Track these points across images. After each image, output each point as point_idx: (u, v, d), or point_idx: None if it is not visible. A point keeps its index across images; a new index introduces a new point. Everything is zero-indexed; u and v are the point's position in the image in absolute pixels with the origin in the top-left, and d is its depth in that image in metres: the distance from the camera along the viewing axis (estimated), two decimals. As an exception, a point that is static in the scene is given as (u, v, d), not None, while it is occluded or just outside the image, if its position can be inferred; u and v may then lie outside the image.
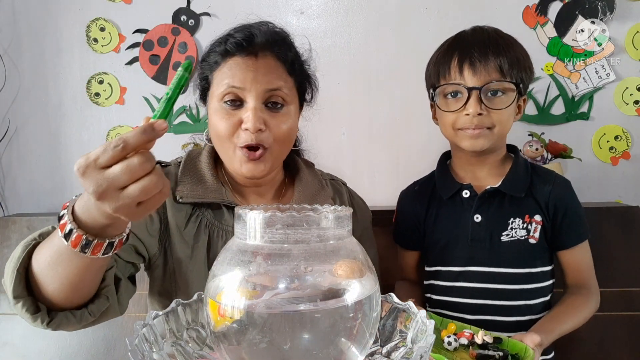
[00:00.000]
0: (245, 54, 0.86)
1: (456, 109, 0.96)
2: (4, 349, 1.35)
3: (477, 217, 1.02)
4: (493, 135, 0.96)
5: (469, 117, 0.94)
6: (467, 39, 0.98)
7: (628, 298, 1.30)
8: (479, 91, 0.93)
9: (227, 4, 1.58)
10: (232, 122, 0.84)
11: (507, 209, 1.01)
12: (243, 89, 0.84)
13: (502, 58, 0.93)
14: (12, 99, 1.62)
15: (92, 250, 0.59)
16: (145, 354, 0.50)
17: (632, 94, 1.52)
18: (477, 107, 0.93)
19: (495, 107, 0.94)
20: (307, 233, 0.50)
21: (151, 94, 1.60)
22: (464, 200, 1.04)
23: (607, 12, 1.49)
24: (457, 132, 0.98)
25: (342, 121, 1.59)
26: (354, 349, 0.51)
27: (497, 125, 0.95)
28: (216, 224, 0.89)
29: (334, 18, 1.58)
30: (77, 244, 0.59)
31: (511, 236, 1.00)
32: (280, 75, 0.87)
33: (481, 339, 0.79)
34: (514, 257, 1.00)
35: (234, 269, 0.52)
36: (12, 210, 1.65)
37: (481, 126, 0.95)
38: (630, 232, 1.34)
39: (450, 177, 1.07)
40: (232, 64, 0.86)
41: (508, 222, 1.00)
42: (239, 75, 0.84)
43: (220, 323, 0.50)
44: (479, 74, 0.93)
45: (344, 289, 0.50)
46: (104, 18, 1.59)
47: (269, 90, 0.85)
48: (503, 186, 1.01)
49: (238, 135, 0.84)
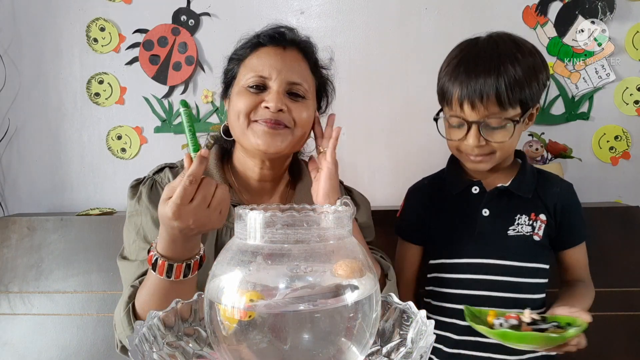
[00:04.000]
0: (275, 45, 0.91)
1: (458, 138, 0.99)
2: (4, 349, 1.35)
3: (486, 212, 1.05)
4: (495, 159, 1.00)
5: (470, 146, 0.98)
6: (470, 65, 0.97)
7: (628, 298, 1.30)
8: (478, 125, 0.96)
9: (227, 4, 1.58)
10: (253, 101, 0.88)
11: (515, 206, 1.05)
12: (269, 78, 0.88)
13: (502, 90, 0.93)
14: (12, 99, 1.62)
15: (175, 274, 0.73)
16: (145, 354, 0.50)
17: (632, 94, 1.52)
18: (476, 140, 0.96)
19: (494, 140, 0.97)
20: (307, 233, 0.50)
21: (151, 94, 1.60)
22: (473, 196, 1.07)
23: (607, 12, 1.49)
24: (460, 153, 1.03)
25: (342, 121, 1.58)
26: (354, 349, 0.51)
27: (498, 152, 0.99)
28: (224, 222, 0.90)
29: (334, 18, 1.58)
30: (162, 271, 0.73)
31: (517, 231, 1.03)
32: (303, 71, 0.92)
33: (529, 317, 0.80)
34: (519, 250, 1.03)
35: (234, 269, 0.52)
36: (12, 210, 1.65)
37: (482, 154, 0.99)
38: (630, 232, 1.34)
39: (461, 174, 1.10)
40: (262, 53, 0.91)
41: (515, 217, 1.04)
42: (267, 64, 0.89)
43: (232, 324, 0.50)
44: (477, 110, 0.95)
45: (344, 289, 0.50)
46: (104, 18, 1.59)
47: (292, 83, 0.89)
48: (512, 186, 1.05)
49: (257, 112, 0.88)
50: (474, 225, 1.05)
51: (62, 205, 1.65)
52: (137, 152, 1.62)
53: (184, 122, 0.70)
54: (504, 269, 1.02)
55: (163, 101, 1.60)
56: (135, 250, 0.90)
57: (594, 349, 1.15)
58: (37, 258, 1.38)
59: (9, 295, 1.37)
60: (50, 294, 1.36)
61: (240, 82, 0.91)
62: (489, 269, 1.03)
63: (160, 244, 0.74)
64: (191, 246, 0.74)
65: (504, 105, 0.94)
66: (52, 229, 1.40)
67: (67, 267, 1.37)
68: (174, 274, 0.73)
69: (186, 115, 0.70)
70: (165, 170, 0.95)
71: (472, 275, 1.04)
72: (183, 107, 0.71)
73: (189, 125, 0.70)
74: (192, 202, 0.68)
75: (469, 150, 0.99)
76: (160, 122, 1.60)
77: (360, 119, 1.59)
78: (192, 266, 0.75)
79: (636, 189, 1.55)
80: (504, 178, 1.07)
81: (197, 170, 0.67)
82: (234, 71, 0.94)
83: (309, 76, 0.93)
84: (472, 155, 0.99)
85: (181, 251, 0.73)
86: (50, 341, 1.34)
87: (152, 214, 0.89)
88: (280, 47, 0.91)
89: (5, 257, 1.38)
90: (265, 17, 1.58)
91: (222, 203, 0.71)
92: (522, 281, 1.02)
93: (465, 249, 1.05)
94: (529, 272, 1.02)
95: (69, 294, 1.37)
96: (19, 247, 1.38)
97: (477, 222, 1.05)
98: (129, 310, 0.81)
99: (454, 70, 0.99)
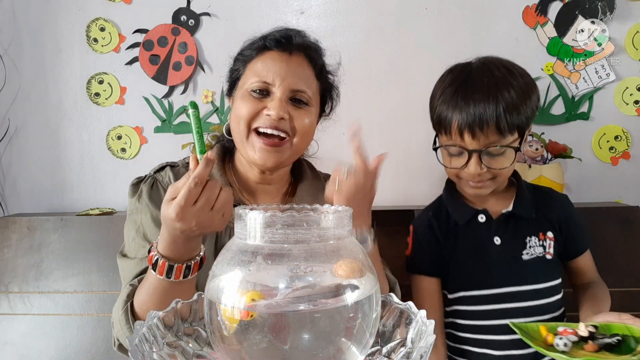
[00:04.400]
0: (281, 49, 0.91)
1: (458, 166, 0.99)
2: (4, 349, 1.35)
3: (497, 240, 1.04)
4: (495, 184, 1.01)
5: (471, 174, 0.98)
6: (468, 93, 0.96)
7: (628, 298, 1.30)
8: (479, 153, 0.96)
9: (227, 4, 1.58)
10: (255, 107, 0.88)
11: (523, 229, 1.05)
12: (272, 84, 0.88)
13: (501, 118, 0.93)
14: (12, 99, 1.62)
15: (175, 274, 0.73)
16: (145, 354, 0.50)
17: (632, 94, 1.52)
18: (477, 167, 0.97)
19: (496, 167, 0.97)
20: (307, 233, 0.50)
21: (151, 94, 1.60)
22: (481, 225, 1.06)
23: (607, 12, 1.49)
24: (460, 180, 1.03)
25: (342, 121, 1.59)
26: (354, 349, 0.51)
27: (498, 177, 1.00)
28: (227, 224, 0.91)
29: (334, 18, 1.58)
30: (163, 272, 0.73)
31: (531, 254, 1.03)
32: (308, 77, 0.92)
33: (586, 331, 0.78)
34: (536, 273, 1.03)
35: (234, 269, 0.52)
36: (12, 210, 1.65)
37: (482, 180, 0.99)
38: (630, 232, 1.34)
39: (462, 203, 1.09)
40: (267, 57, 0.91)
41: (526, 241, 1.04)
42: (272, 69, 0.89)
43: (233, 324, 0.50)
44: (478, 138, 0.95)
45: (344, 289, 0.50)
46: (104, 18, 1.59)
47: (295, 90, 0.89)
48: (516, 209, 1.05)
49: (258, 118, 0.88)
50: (487, 255, 1.04)
51: (62, 205, 1.65)
52: (137, 152, 1.62)
53: (192, 123, 0.70)
54: (525, 295, 1.02)
55: (163, 101, 1.60)
56: (135, 248, 0.90)
57: (594, 349, 1.14)
58: (37, 258, 1.38)
59: (9, 295, 1.37)
60: (50, 294, 1.36)
61: (244, 85, 0.91)
62: (508, 297, 1.02)
63: (161, 244, 0.74)
64: (192, 247, 0.75)
65: (504, 133, 0.94)
66: (52, 229, 1.40)
67: (67, 267, 1.37)
68: (174, 275, 0.73)
69: (194, 117, 0.70)
70: (166, 169, 0.96)
71: (492, 306, 1.03)
72: (192, 108, 0.71)
73: (197, 127, 0.70)
74: (196, 204, 0.68)
75: (469, 178, 0.99)
76: (160, 122, 1.60)
77: (360, 119, 1.58)
78: (192, 267, 0.75)
79: (636, 189, 1.55)
80: (504, 201, 1.07)
81: (203, 172, 0.68)
82: (239, 72, 0.94)
83: (313, 82, 0.93)
84: (472, 181, 0.99)
85: (182, 252, 0.74)
86: (50, 341, 1.34)
87: (152, 212, 0.90)
88: (286, 52, 0.91)
89: (5, 257, 1.38)
90: (266, 17, 1.59)
91: (225, 205, 0.71)
92: (541, 303, 1.02)
93: (482, 280, 1.04)
94: (549, 291, 1.03)
95: (69, 294, 1.36)
96: (19, 247, 1.38)
97: (490, 251, 1.04)
98: (127, 309, 0.81)
99: (451, 99, 0.98)
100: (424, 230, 1.11)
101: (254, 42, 0.94)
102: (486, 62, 1.00)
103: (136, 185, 0.95)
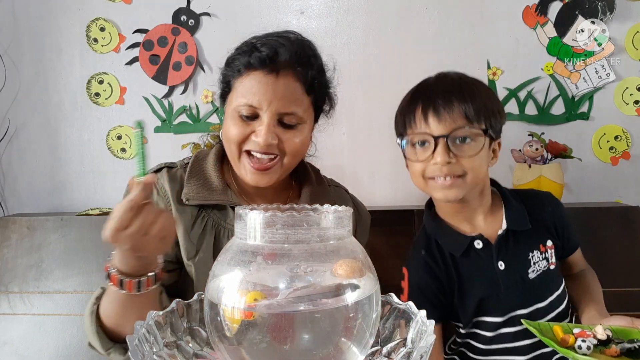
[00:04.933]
0: (268, 71, 0.85)
1: (424, 158, 0.93)
2: (4, 349, 1.35)
3: (501, 265, 0.97)
4: (466, 184, 0.93)
5: (437, 166, 0.91)
6: (431, 87, 0.97)
7: (628, 298, 1.30)
8: (446, 139, 0.90)
9: (227, 4, 1.58)
10: (244, 132, 0.86)
11: (523, 246, 0.99)
12: (259, 108, 0.85)
13: (467, 104, 0.91)
14: (12, 99, 1.62)
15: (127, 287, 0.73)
16: (145, 354, 0.50)
17: (632, 94, 1.52)
18: (445, 155, 0.90)
19: (465, 154, 0.91)
20: (307, 233, 0.50)
21: (151, 94, 1.60)
22: (479, 252, 0.99)
23: (607, 12, 1.49)
24: (427, 181, 0.96)
25: (342, 121, 1.59)
26: (354, 349, 0.51)
27: (469, 173, 0.92)
28: (222, 224, 0.91)
29: (334, 18, 1.58)
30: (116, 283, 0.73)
31: (536, 270, 0.99)
32: (297, 98, 0.87)
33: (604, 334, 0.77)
34: (544, 288, 0.99)
35: (234, 269, 0.52)
36: (12, 210, 1.65)
37: (452, 174, 0.92)
38: (630, 232, 1.34)
39: (453, 232, 1.01)
40: (253, 79, 0.86)
41: (529, 258, 0.99)
42: (258, 93, 0.85)
43: (234, 324, 0.50)
44: (444, 122, 0.90)
45: (344, 289, 0.50)
46: (104, 18, 1.59)
47: (284, 114, 0.86)
48: (510, 225, 0.99)
49: (248, 142, 0.87)
50: (494, 281, 0.97)
51: (62, 205, 1.65)
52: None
53: (134, 143, 0.67)
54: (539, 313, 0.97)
55: (163, 101, 1.60)
56: None
57: (594, 349, 1.15)
58: (37, 258, 1.38)
59: (9, 295, 1.37)
60: (50, 294, 1.36)
61: (232, 102, 0.88)
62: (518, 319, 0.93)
63: (115, 257, 0.74)
64: (143, 264, 0.73)
65: (470, 117, 0.90)
66: (52, 229, 1.40)
67: (67, 267, 1.37)
68: (125, 288, 0.73)
69: (137, 137, 0.67)
70: (163, 171, 0.94)
71: (508, 329, 0.97)
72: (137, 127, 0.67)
73: (139, 148, 0.67)
74: (128, 228, 0.65)
75: (437, 172, 0.92)
76: (160, 122, 1.60)
77: (360, 119, 1.59)
78: (143, 282, 0.74)
79: (636, 189, 1.55)
80: (495, 219, 1.01)
81: (138, 196, 0.65)
82: (229, 85, 0.91)
83: (304, 99, 0.88)
84: (440, 177, 0.92)
85: (133, 268, 0.73)
86: (50, 341, 1.34)
87: None
88: (273, 74, 0.85)
89: (5, 257, 1.38)
90: (266, 17, 1.59)
91: (164, 231, 0.68)
92: (556, 313, 0.99)
93: (494, 308, 0.97)
94: (558, 300, 1.00)
95: (69, 294, 1.36)
96: (19, 247, 1.38)
97: (496, 277, 0.97)
98: (93, 311, 0.81)
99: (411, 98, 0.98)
100: (420, 272, 1.01)
101: (243, 51, 0.89)
102: (442, 74, 0.99)
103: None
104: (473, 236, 0.99)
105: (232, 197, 0.91)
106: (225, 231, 0.90)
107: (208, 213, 0.91)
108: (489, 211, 1.02)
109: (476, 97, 0.92)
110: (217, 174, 0.93)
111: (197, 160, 0.96)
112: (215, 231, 0.90)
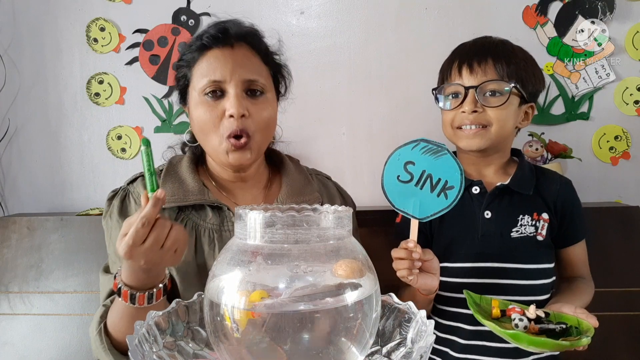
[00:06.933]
0: (222, 45, 0.89)
1: (454, 107, 1.00)
2: (4, 349, 1.35)
3: (488, 214, 1.03)
4: (490, 134, 0.99)
5: (465, 115, 0.98)
6: (470, 45, 1.05)
7: (628, 298, 1.30)
8: (475, 90, 0.97)
9: (227, 4, 1.58)
10: (215, 113, 0.86)
11: (517, 206, 1.03)
12: (224, 81, 0.86)
13: (501, 62, 0.98)
14: (12, 99, 1.62)
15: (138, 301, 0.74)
16: (145, 354, 0.50)
17: (632, 94, 1.52)
18: (472, 104, 0.97)
19: (491, 105, 0.97)
20: (307, 233, 0.50)
21: (151, 94, 1.60)
22: (474, 197, 1.05)
23: (607, 12, 1.49)
24: (455, 131, 1.02)
25: (342, 121, 1.59)
26: (354, 349, 0.51)
27: (494, 124, 0.98)
28: (201, 224, 0.91)
29: (334, 18, 1.58)
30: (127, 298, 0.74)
31: (520, 232, 1.02)
32: (256, 65, 0.90)
33: (534, 313, 0.80)
34: (523, 252, 1.01)
35: (234, 269, 0.52)
36: (12, 210, 1.65)
37: (477, 123, 0.98)
38: (630, 232, 1.34)
39: None
40: (210, 57, 0.88)
41: (517, 218, 1.02)
42: (219, 67, 0.87)
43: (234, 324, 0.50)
44: (476, 74, 0.98)
45: (344, 289, 0.50)
46: (104, 18, 1.59)
47: (248, 81, 0.88)
48: (512, 183, 1.03)
49: (222, 125, 0.86)
50: (476, 228, 1.03)
51: (62, 205, 1.65)
52: (137, 152, 1.62)
53: (143, 161, 0.68)
54: (508, 272, 1.00)
55: (163, 101, 1.60)
56: (111, 265, 0.93)
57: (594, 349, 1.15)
58: (37, 258, 1.38)
59: (9, 295, 1.37)
60: (50, 294, 1.36)
61: (196, 88, 0.88)
62: (493, 273, 1.01)
63: (122, 273, 0.75)
64: (152, 277, 0.75)
65: (500, 72, 0.97)
66: (52, 229, 1.40)
67: (67, 267, 1.37)
68: (137, 301, 0.74)
69: (146, 155, 0.69)
70: (138, 180, 0.95)
71: (476, 280, 1.01)
72: (144, 145, 0.69)
73: (148, 165, 0.69)
74: (144, 243, 0.67)
75: (464, 120, 0.99)
76: (160, 122, 1.60)
77: (360, 119, 1.59)
78: (154, 294, 0.76)
79: (636, 189, 1.55)
80: (503, 175, 1.06)
81: (151, 212, 0.66)
82: (187, 78, 0.92)
83: (262, 68, 0.91)
84: (467, 125, 0.99)
85: (143, 282, 0.74)
86: (50, 341, 1.34)
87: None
88: (228, 46, 0.89)
89: (5, 257, 1.38)
90: (266, 17, 1.59)
91: (176, 243, 0.70)
92: (527, 283, 1.00)
93: (468, 252, 1.03)
94: (534, 273, 1.01)
95: (69, 294, 1.36)
96: (19, 247, 1.38)
97: (479, 224, 1.02)
98: (100, 330, 0.82)
99: (451, 55, 1.06)
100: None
101: (191, 45, 0.92)
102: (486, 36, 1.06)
103: (110, 200, 0.96)
104: (474, 181, 1.05)
105: (209, 196, 0.91)
106: (205, 231, 0.90)
107: (187, 215, 0.91)
108: (500, 168, 1.07)
109: (511, 57, 0.99)
110: (193, 175, 0.93)
111: (171, 165, 0.97)
112: (195, 232, 0.90)
